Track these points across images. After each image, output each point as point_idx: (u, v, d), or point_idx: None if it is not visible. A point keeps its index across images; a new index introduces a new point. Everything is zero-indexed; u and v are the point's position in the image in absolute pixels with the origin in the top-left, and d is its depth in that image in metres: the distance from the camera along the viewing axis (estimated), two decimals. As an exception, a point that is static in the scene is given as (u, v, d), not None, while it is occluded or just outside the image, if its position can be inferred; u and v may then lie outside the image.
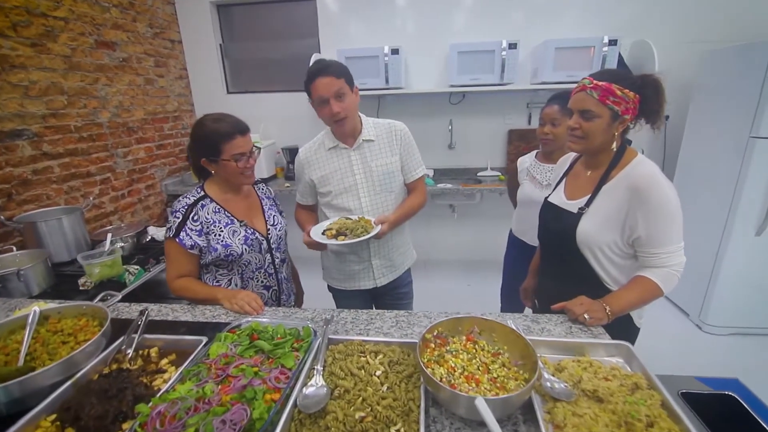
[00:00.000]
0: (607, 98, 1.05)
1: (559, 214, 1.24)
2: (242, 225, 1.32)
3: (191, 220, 1.25)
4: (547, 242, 1.35)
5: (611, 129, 1.09)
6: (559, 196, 1.29)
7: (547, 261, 1.39)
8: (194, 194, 1.30)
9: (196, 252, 1.26)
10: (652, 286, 1.08)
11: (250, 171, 1.30)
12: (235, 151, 1.23)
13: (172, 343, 1.01)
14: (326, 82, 1.30)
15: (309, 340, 0.93)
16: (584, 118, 1.10)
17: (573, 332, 1.03)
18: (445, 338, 0.90)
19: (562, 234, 1.21)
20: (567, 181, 1.31)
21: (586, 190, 1.19)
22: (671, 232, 1.06)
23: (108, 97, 2.73)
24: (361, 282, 1.59)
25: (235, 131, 1.23)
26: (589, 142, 1.12)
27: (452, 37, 3.08)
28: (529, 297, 1.67)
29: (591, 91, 1.07)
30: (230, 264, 1.31)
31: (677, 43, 2.92)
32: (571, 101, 1.14)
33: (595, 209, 1.14)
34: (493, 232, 3.51)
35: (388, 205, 1.51)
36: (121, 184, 2.85)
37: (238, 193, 1.38)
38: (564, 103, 1.74)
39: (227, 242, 1.27)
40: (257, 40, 3.50)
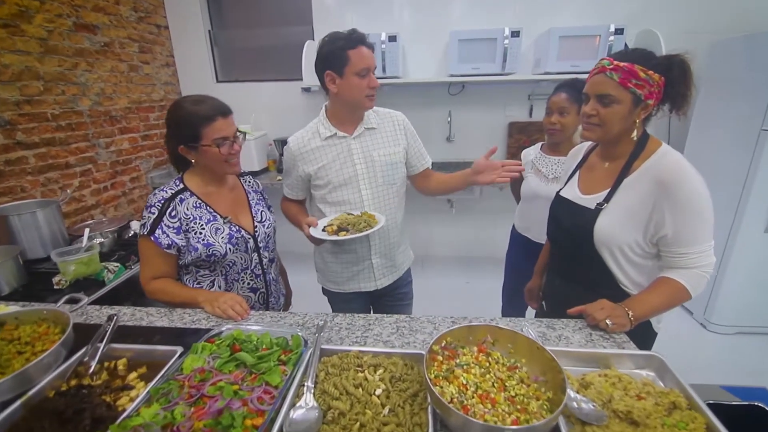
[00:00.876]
0: (629, 81, 0.94)
1: (573, 209, 1.13)
2: (226, 222, 1.19)
3: (168, 216, 1.12)
4: (558, 240, 1.24)
5: (632, 116, 0.98)
6: (572, 190, 1.18)
7: (557, 260, 1.28)
8: (172, 187, 1.17)
9: (174, 252, 1.14)
10: (679, 289, 0.98)
11: (235, 158, 1.17)
12: (217, 135, 1.10)
13: (143, 353, 0.89)
14: (369, 53, 1.23)
15: (299, 351, 0.82)
16: (602, 104, 0.99)
17: (594, 340, 0.93)
18: (454, 349, 0.79)
19: (577, 232, 1.10)
20: (581, 174, 1.19)
21: (604, 184, 1.08)
22: (702, 230, 0.96)
23: (88, 84, 2.57)
24: (361, 283, 1.48)
25: (216, 113, 1.10)
26: (607, 130, 1.01)
27: (453, 24, 2.95)
28: (535, 297, 1.56)
29: (611, 73, 0.95)
30: (213, 264, 1.18)
31: (683, 32, 2.82)
32: (588, 85, 1.02)
33: (615, 205, 1.04)
34: (493, 228, 3.43)
35: (391, 199, 1.41)
36: (104, 176, 2.70)
37: (222, 186, 1.25)
38: (572, 91, 1.64)
39: (209, 241, 1.15)
40: (248, 27, 3.34)
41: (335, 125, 1.34)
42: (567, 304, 1.04)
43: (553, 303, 1.32)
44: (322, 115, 1.37)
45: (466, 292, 3.06)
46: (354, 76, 1.23)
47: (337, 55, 1.22)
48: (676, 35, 2.79)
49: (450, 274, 3.31)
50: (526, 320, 1.02)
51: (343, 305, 1.54)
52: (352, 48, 1.20)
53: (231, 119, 1.14)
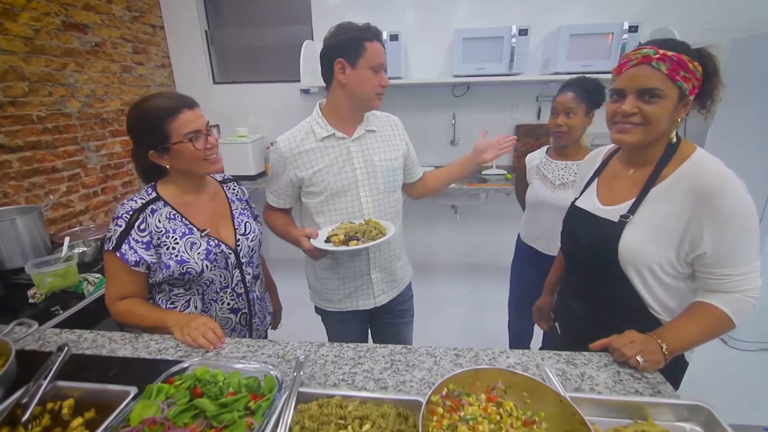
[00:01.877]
0: (678, 73, 0.80)
1: (593, 223, 0.99)
2: (204, 236, 1.06)
3: (137, 230, 0.99)
4: (575, 257, 1.10)
5: (675, 114, 0.84)
6: (590, 200, 1.04)
7: (574, 278, 1.13)
8: (143, 196, 1.04)
9: (143, 269, 1.01)
10: (721, 318, 0.84)
11: (214, 154, 1.04)
12: (187, 129, 0.97)
13: (93, 393, 0.76)
14: (382, 50, 1.15)
15: (271, 397, 0.69)
16: (645, 100, 0.84)
17: (623, 380, 0.79)
18: (458, 399, 0.65)
19: (598, 248, 0.96)
20: (600, 182, 1.05)
21: (629, 194, 0.94)
22: (746, 249, 0.83)
23: (78, 85, 2.47)
24: (359, 301, 1.34)
25: (179, 105, 0.98)
26: (651, 131, 0.86)
27: (457, 22, 2.83)
28: (545, 318, 1.42)
29: (658, 63, 0.81)
30: (188, 283, 1.06)
31: (701, 30, 2.67)
32: (624, 78, 0.87)
33: (643, 217, 0.90)
34: (499, 235, 3.29)
35: (391, 208, 1.29)
36: (93, 181, 2.60)
37: (201, 195, 1.12)
38: (580, 90, 1.50)
39: (183, 257, 1.02)
40: (246, 26, 3.24)
41: (333, 125, 1.21)
42: (585, 328, 0.91)
43: (569, 326, 1.17)
44: (316, 113, 1.23)
45: (471, 304, 2.91)
46: (368, 69, 1.12)
47: (352, 43, 1.11)
48: (694, 32, 2.63)
49: (454, 284, 3.17)
50: (543, 354, 0.88)
51: (339, 326, 1.41)
52: (370, 40, 1.10)
53: (198, 111, 1.02)
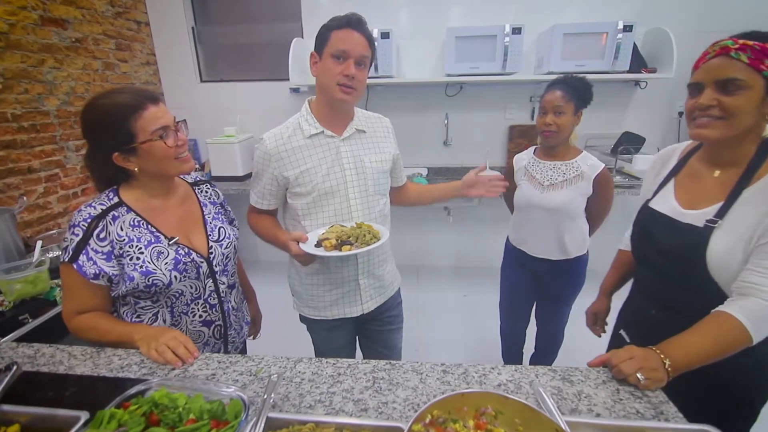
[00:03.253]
0: (763, 62, 0.74)
1: (673, 227, 0.91)
2: (172, 244, 0.98)
3: (96, 239, 0.90)
4: (653, 262, 0.99)
5: (764, 107, 0.78)
6: (668, 203, 0.95)
7: (651, 285, 1.04)
8: (104, 202, 0.94)
9: (103, 282, 0.92)
10: (734, 327, 0.76)
11: (186, 152, 0.96)
12: (156, 126, 0.89)
13: (41, 419, 0.68)
14: (357, 38, 1.05)
15: (236, 424, 0.62)
16: (725, 91, 0.78)
17: (623, 400, 0.73)
18: (442, 426, 0.59)
19: (682, 255, 0.89)
20: (678, 183, 0.97)
21: (715, 197, 0.87)
22: None
23: (57, 82, 2.38)
24: (346, 308, 1.27)
25: (143, 100, 0.89)
26: (733, 124, 0.79)
27: (450, 20, 2.78)
28: (600, 323, 1.34)
29: (738, 53, 0.76)
30: (155, 295, 0.98)
31: (697, 31, 2.65)
32: (701, 72, 0.82)
33: (733, 222, 0.82)
34: (493, 238, 3.22)
35: (380, 211, 1.23)
36: (73, 182, 2.50)
37: (170, 198, 1.03)
38: (568, 88, 1.45)
39: (148, 268, 0.93)
40: (234, 23, 3.16)
41: (322, 122, 1.15)
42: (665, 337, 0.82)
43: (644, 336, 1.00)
44: (305, 110, 1.17)
45: (464, 308, 2.85)
46: (329, 57, 1.05)
47: (321, 33, 1.07)
48: (689, 34, 2.62)
49: (446, 287, 3.11)
50: (537, 370, 0.81)
51: (325, 334, 1.34)
52: (338, 28, 1.04)
53: (164, 106, 0.94)
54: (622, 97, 2.89)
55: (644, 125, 2.80)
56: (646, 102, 2.87)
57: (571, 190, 1.52)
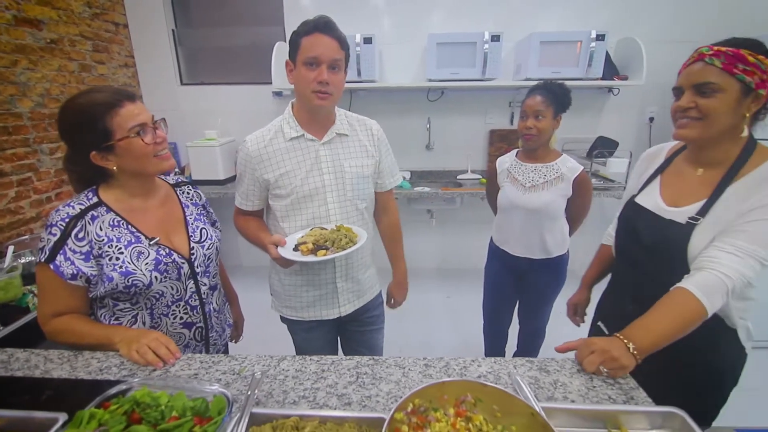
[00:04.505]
0: (735, 66, 0.79)
1: (657, 223, 0.95)
2: (153, 244, 0.97)
3: (74, 239, 0.88)
4: (635, 257, 1.03)
5: (740, 108, 0.82)
6: (653, 199, 0.99)
7: (630, 277, 1.08)
8: (82, 202, 0.92)
9: (81, 282, 0.90)
10: (689, 301, 0.79)
11: (165, 150, 0.96)
12: (133, 122, 0.88)
13: (17, 422, 0.67)
14: (327, 42, 1.04)
15: (219, 419, 0.62)
16: (701, 94, 0.83)
17: (596, 387, 0.76)
18: (424, 415, 0.61)
19: (664, 251, 0.92)
20: (664, 181, 1.01)
21: (697, 195, 0.90)
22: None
23: (30, 84, 2.31)
24: (323, 311, 1.28)
25: (119, 97, 0.88)
26: (710, 124, 0.84)
27: (431, 26, 2.84)
28: (580, 314, 1.39)
29: (711, 59, 0.81)
30: (134, 297, 0.96)
31: (664, 41, 2.78)
32: (681, 77, 0.87)
33: (715, 219, 0.86)
34: (475, 240, 3.28)
35: (359, 216, 1.24)
36: (46, 186, 2.43)
37: (150, 199, 1.02)
38: (547, 93, 1.51)
39: (128, 268, 0.92)
40: (215, 26, 3.14)
41: (303, 126, 1.15)
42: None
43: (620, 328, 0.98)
44: (287, 113, 1.18)
45: (446, 309, 2.88)
46: (302, 65, 1.05)
47: (292, 41, 1.07)
48: (658, 43, 2.76)
49: (430, 289, 3.14)
50: (515, 362, 0.84)
51: (305, 335, 1.34)
52: (307, 34, 1.04)
53: (141, 104, 0.93)
54: (597, 103, 3.00)
55: (617, 130, 2.91)
56: (619, 108, 2.99)
57: (552, 192, 1.57)
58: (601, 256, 1.29)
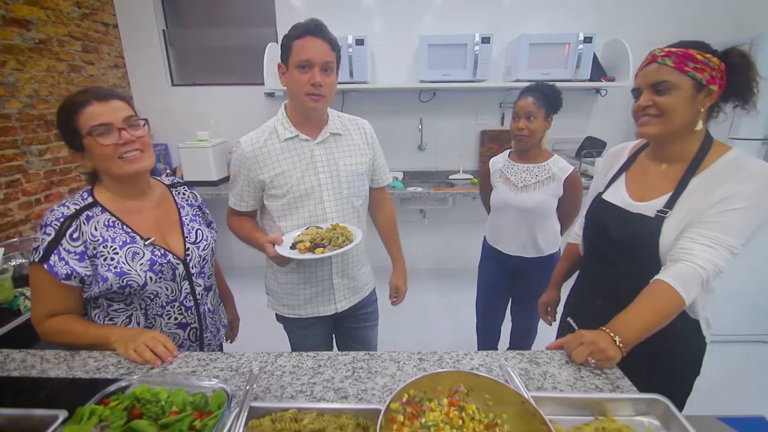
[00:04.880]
0: (686, 64, 0.84)
1: (626, 218, 0.98)
2: (148, 245, 0.97)
3: (69, 239, 0.89)
4: (605, 253, 1.06)
5: (695, 103, 0.87)
6: (619, 195, 1.03)
7: (599, 274, 1.10)
8: (77, 202, 0.93)
9: (75, 283, 0.91)
10: (665, 290, 0.83)
11: (134, 152, 0.92)
12: (92, 123, 0.88)
13: (16, 420, 0.67)
14: (318, 45, 1.06)
15: (219, 414, 0.63)
16: (657, 92, 0.87)
17: (584, 377, 0.79)
18: (418, 405, 0.63)
19: (635, 245, 0.95)
20: (629, 177, 1.05)
21: (662, 189, 0.94)
22: (740, 223, 0.83)
23: (19, 84, 2.29)
24: (320, 307, 1.30)
25: (88, 97, 0.88)
26: (668, 120, 0.88)
27: (423, 28, 2.87)
28: (552, 313, 1.42)
29: (664, 59, 0.86)
30: (128, 297, 0.96)
31: (650, 44, 2.81)
32: (639, 78, 0.92)
33: (681, 211, 0.89)
34: (467, 239, 3.33)
35: (355, 213, 1.26)
36: (35, 188, 2.40)
37: (144, 200, 1.02)
38: (539, 95, 1.55)
39: (123, 269, 0.92)
40: (206, 27, 3.13)
41: (297, 126, 1.17)
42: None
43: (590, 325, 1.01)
44: (281, 114, 1.19)
45: (440, 308, 2.91)
46: (295, 68, 1.07)
47: (284, 45, 1.09)
48: (644, 45, 2.80)
49: (423, 288, 3.16)
50: (506, 354, 0.87)
51: (302, 332, 1.36)
52: (299, 38, 1.05)
53: (116, 103, 0.91)
54: (585, 104, 3.06)
55: (605, 130, 2.97)
56: (607, 109, 3.05)
57: (543, 191, 1.60)
58: (569, 255, 1.33)
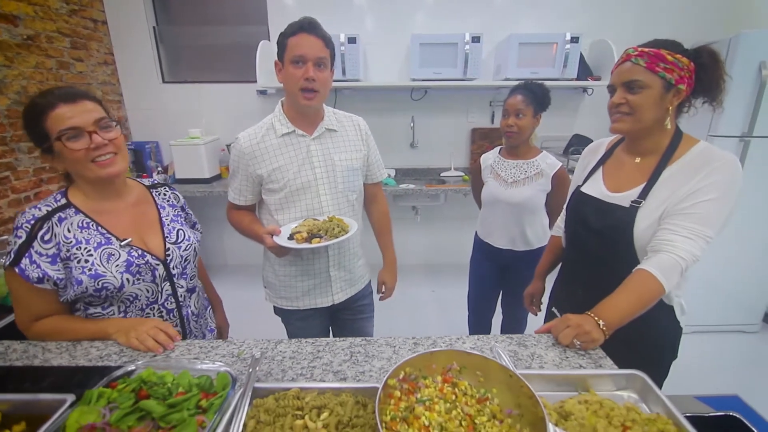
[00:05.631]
0: (657, 65, 0.89)
1: (603, 209, 1.03)
2: (124, 246, 0.94)
3: (40, 241, 0.87)
4: (584, 243, 1.11)
5: (664, 102, 0.92)
6: (597, 187, 1.08)
7: (580, 265, 1.16)
8: (50, 203, 0.91)
9: (49, 286, 0.89)
10: (647, 279, 0.88)
11: (107, 155, 0.89)
12: (61, 126, 0.84)
13: (23, 405, 0.69)
14: (312, 41, 1.09)
15: (224, 394, 0.66)
16: (630, 91, 0.92)
17: (569, 357, 0.84)
18: (414, 382, 0.66)
19: (612, 234, 1.01)
20: (606, 171, 1.10)
21: (636, 180, 1.00)
22: (714, 214, 0.88)
23: (6, 81, 2.26)
24: (317, 299, 1.33)
25: (55, 100, 0.85)
26: (638, 118, 0.94)
27: (415, 27, 2.91)
28: (537, 304, 1.48)
29: (636, 59, 0.91)
30: (106, 300, 0.94)
31: (634, 43, 2.91)
32: (613, 76, 0.97)
33: (654, 200, 0.95)
34: (458, 235, 3.38)
35: (350, 207, 1.29)
36: (25, 185, 2.38)
37: (120, 201, 0.99)
38: (528, 93, 1.60)
39: (98, 271, 0.89)
40: (198, 24, 3.12)
41: (293, 122, 1.20)
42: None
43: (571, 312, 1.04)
44: (278, 110, 1.22)
45: (432, 302, 2.96)
46: (290, 64, 1.10)
47: (279, 42, 1.12)
48: (628, 46, 2.87)
49: (414, 283, 3.21)
50: (497, 338, 0.91)
51: (300, 324, 1.38)
52: (293, 35, 1.09)
53: (85, 105, 0.88)
54: (572, 102, 3.13)
55: (591, 128, 3.05)
56: (593, 107, 3.13)
57: (532, 187, 1.65)
58: (552, 247, 1.38)
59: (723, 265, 2.39)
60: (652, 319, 0.96)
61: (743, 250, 2.38)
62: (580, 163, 1.23)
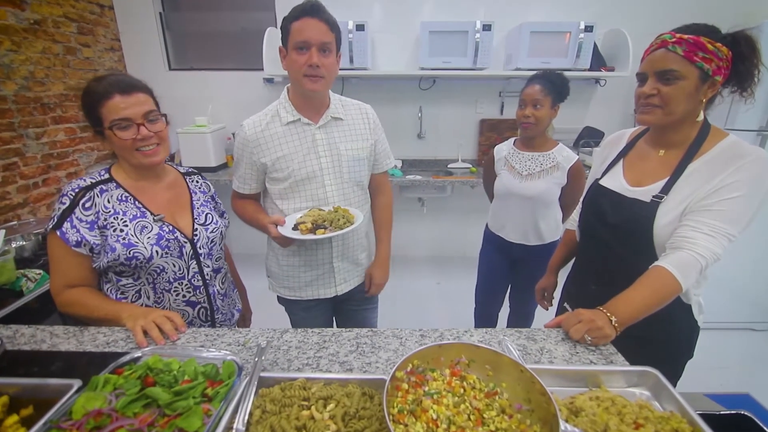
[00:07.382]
0: (696, 54, 0.83)
1: (622, 203, 0.99)
2: (157, 220, 1.01)
3: (81, 208, 0.93)
4: (601, 238, 1.06)
5: (698, 94, 0.86)
6: (617, 180, 1.03)
7: (594, 260, 1.12)
8: (94, 176, 0.99)
9: (85, 251, 0.94)
10: (664, 276, 0.84)
11: (151, 146, 0.97)
12: (114, 116, 0.92)
13: (31, 389, 0.69)
14: (315, 25, 1.05)
15: (230, 382, 0.66)
16: (664, 81, 0.86)
17: (579, 353, 0.82)
18: (422, 374, 0.65)
19: (631, 229, 0.97)
20: (627, 163, 1.05)
21: (659, 174, 0.95)
22: (739, 211, 0.84)
23: (14, 66, 2.26)
24: (320, 290, 1.32)
25: (112, 90, 0.91)
26: (670, 112, 0.88)
27: (424, 14, 2.85)
28: (548, 298, 1.45)
29: (674, 47, 0.84)
30: (136, 271, 0.98)
31: (650, 33, 2.81)
32: (645, 63, 0.90)
33: (677, 196, 0.90)
34: (464, 227, 3.36)
35: (356, 197, 1.27)
36: (33, 171, 2.39)
37: (157, 182, 1.07)
38: (546, 82, 1.55)
39: (131, 240, 0.95)
40: (204, 10, 3.09)
41: (299, 110, 1.17)
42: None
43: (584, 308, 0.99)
44: (283, 97, 1.20)
45: (438, 294, 2.95)
46: (293, 50, 1.08)
47: (283, 27, 1.09)
48: (645, 35, 2.80)
49: (420, 275, 3.20)
50: (505, 332, 0.90)
51: (303, 314, 1.38)
52: (296, 19, 1.06)
53: (138, 97, 0.95)
54: (584, 93, 3.07)
55: (603, 120, 2.99)
56: (605, 99, 3.06)
57: (548, 180, 1.61)
58: (566, 242, 1.34)
59: (732, 262, 2.35)
60: (669, 317, 0.94)
61: (753, 247, 2.33)
62: (599, 155, 1.19)
